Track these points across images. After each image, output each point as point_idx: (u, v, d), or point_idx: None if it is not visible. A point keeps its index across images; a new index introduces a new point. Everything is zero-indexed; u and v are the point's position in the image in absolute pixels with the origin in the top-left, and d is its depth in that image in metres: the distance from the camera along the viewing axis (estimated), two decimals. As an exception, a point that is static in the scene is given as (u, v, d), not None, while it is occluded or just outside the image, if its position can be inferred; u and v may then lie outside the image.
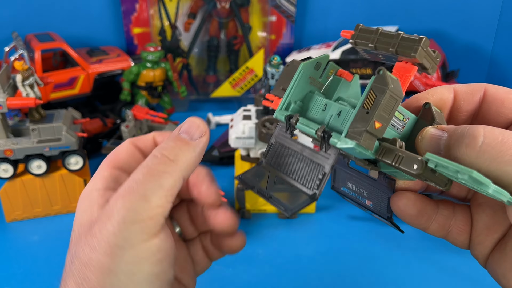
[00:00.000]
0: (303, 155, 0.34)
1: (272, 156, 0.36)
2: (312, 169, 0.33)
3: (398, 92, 0.29)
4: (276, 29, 1.27)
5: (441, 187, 0.29)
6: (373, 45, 0.31)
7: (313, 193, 0.32)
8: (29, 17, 1.17)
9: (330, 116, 0.32)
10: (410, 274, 0.75)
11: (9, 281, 0.72)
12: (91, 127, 1.00)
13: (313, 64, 0.34)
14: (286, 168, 0.35)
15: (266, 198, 0.34)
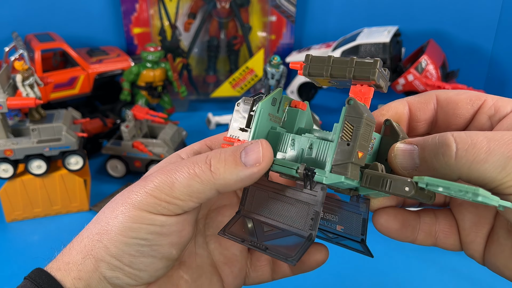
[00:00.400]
0: (285, 196, 0.33)
1: (251, 201, 0.35)
2: (300, 209, 0.32)
3: (371, 118, 0.30)
4: (276, 29, 1.27)
5: (427, 202, 0.29)
6: (328, 74, 0.31)
7: (309, 234, 0.31)
8: (29, 17, 1.17)
9: (301, 150, 0.32)
10: (410, 274, 0.75)
11: (9, 281, 0.72)
12: (91, 127, 1.00)
13: (270, 101, 0.34)
14: (270, 212, 0.34)
15: (263, 250, 0.32)
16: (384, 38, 1.05)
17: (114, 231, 0.32)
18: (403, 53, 1.16)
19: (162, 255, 0.32)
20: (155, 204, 0.31)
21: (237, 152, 0.31)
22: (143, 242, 0.32)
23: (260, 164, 0.31)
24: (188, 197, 0.31)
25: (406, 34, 1.19)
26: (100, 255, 0.32)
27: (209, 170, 0.31)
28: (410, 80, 1.04)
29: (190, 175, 0.31)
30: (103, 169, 0.99)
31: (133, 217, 0.31)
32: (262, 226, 0.34)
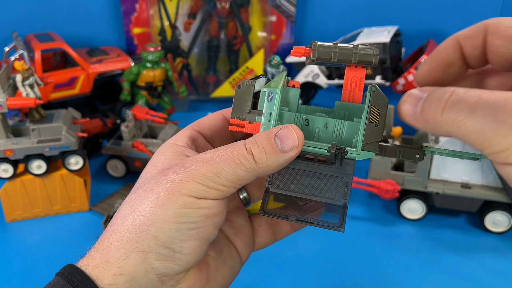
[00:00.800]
0: (313, 171, 0.36)
1: (278, 179, 0.37)
2: (330, 182, 0.36)
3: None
4: (276, 29, 1.27)
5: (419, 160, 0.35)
6: (335, 59, 0.35)
7: (344, 203, 0.35)
8: (29, 17, 1.17)
9: (317, 129, 0.36)
10: (410, 274, 0.75)
11: (9, 281, 0.72)
12: (91, 127, 1.00)
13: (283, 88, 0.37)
14: (300, 188, 0.36)
15: (310, 223, 0.35)
16: (384, 38, 1.05)
17: (163, 219, 0.32)
18: (403, 53, 1.16)
19: (208, 236, 0.34)
20: (203, 191, 0.33)
21: (271, 139, 0.34)
22: (193, 226, 0.33)
23: (297, 147, 0.34)
24: (233, 183, 0.34)
25: (406, 34, 1.19)
26: (147, 247, 0.32)
27: (253, 160, 0.33)
28: (410, 80, 1.04)
29: (237, 165, 0.33)
30: (103, 169, 0.99)
31: (183, 203, 0.33)
32: (295, 201, 0.36)
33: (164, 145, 0.38)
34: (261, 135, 0.34)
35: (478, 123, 0.26)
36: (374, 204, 0.91)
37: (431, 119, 0.29)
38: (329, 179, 0.36)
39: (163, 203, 0.32)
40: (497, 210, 0.82)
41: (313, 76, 1.16)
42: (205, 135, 0.40)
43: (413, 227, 0.85)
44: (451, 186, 0.84)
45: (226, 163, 0.33)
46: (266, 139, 0.34)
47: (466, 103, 0.26)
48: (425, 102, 0.29)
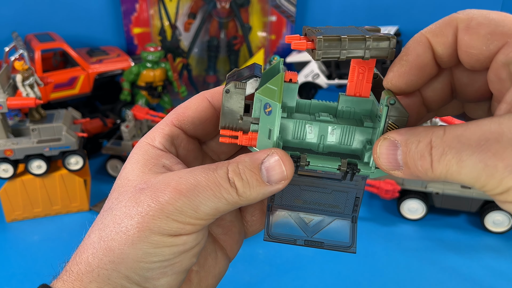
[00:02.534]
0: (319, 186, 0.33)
1: (280, 196, 0.34)
2: (338, 197, 0.33)
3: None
4: (276, 29, 1.27)
5: None
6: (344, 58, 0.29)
7: (353, 217, 0.33)
8: (29, 17, 1.17)
9: (321, 136, 0.32)
10: (410, 274, 0.75)
11: (9, 281, 0.72)
12: (91, 127, 1.00)
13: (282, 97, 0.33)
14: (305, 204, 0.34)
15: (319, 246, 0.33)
16: (384, 38, 1.05)
17: (132, 258, 0.30)
18: (403, 53, 1.16)
19: (184, 268, 0.32)
20: (177, 228, 0.30)
21: (257, 170, 0.30)
22: (166, 263, 0.31)
23: (285, 180, 0.30)
24: (212, 216, 0.31)
25: (406, 34, 1.19)
26: (120, 285, 0.30)
27: (236, 194, 0.30)
28: (410, 80, 1.04)
29: (217, 199, 0.30)
30: (103, 169, 0.99)
31: (155, 243, 0.30)
32: (302, 219, 0.34)
33: (139, 146, 0.34)
34: (246, 162, 0.31)
35: (471, 172, 0.25)
36: (374, 204, 0.91)
37: (423, 175, 0.27)
38: (337, 194, 0.33)
39: (133, 242, 0.30)
40: (497, 210, 0.82)
41: (313, 76, 1.16)
42: (187, 131, 0.35)
43: (413, 227, 0.85)
44: (451, 186, 0.84)
45: (206, 197, 0.30)
46: (252, 169, 0.30)
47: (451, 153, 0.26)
48: (407, 157, 0.28)
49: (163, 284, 0.31)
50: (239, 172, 0.30)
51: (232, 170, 0.31)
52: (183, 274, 0.32)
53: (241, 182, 0.30)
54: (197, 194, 0.30)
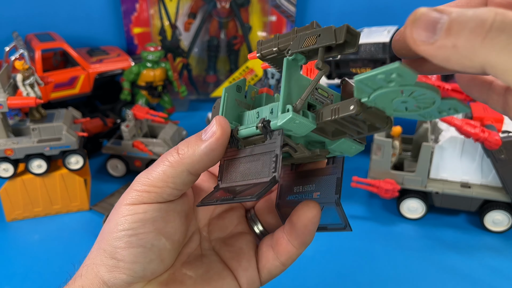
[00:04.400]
0: (252, 155, 0.34)
1: (226, 174, 0.36)
2: (265, 160, 0.33)
3: None
4: (276, 29, 1.27)
5: (383, 127, 0.30)
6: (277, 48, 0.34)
7: (272, 177, 0.31)
8: (30, 17, 1.17)
9: (269, 112, 0.34)
10: (410, 273, 0.75)
11: (9, 280, 0.72)
12: (91, 126, 1.00)
13: (234, 88, 0.37)
14: (241, 176, 0.35)
15: (230, 200, 0.33)
16: (384, 38, 1.06)
17: (107, 231, 0.34)
18: (403, 53, 1.16)
19: (151, 243, 0.34)
20: (137, 196, 0.34)
21: (199, 133, 0.34)
22: (130, 232, 0.33)
23: (215, 133, 0.33)
24: (164, 183, 0.34)
25: (406, 34, 1.19)
26: (99, 261, 0.34)
27: (177, 154, 0.34)
28: (410, 80, 1.04)
29: (163, 163, 0.34)
30: (103, 168, 0.99)
31: (120, 212, 0.34)
32: (235, 188, 0.35)
33: None
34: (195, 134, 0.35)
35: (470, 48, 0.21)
36: (374, 203, 0.91)
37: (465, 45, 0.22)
38: (264, 158, 0.33)
39: (110, 218, 0.35)
40: (496, 209, 0.82)
41: (313, 76, 1.16)
42: None
43: (412, 227, 0.86)
44: (450, 185, 0.84)
45: (157, 165, 0.34)
46: (196, 134, 0.35)
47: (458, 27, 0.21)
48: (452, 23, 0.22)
49: (128, 254, 0.33)
50: (186, 139, 0.35)
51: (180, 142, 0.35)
52: (152, 251, 0.34)
53: (182, 144, 0.34)
54: (153, 166, 0.35)
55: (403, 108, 0.27)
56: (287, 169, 0.40)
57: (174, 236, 0.35)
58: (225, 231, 0.40)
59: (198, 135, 0.34)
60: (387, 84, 0.25)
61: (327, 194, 0.36)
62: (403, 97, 0.26)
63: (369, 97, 0.27)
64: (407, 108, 0.27)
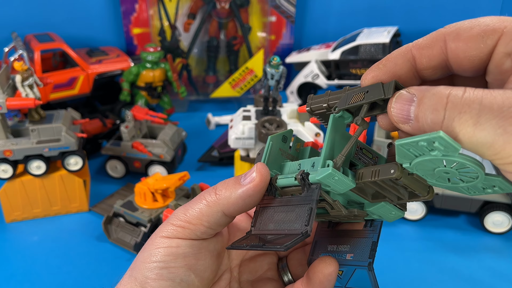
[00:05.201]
0: (287, 205, 0.35)
1: (260, 221, 0.36)
2: (299, 212, 0.33)
3: None
4: (276, 29, 1.27)
5: (424, 196, 0.29)
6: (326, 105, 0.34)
7: (305, 230, 0.32)
8: (29, 17, 1.17)
9: (310, 166, 0.34)
10: (410, 275, 0.75)
11: (9, 281, 0.72)
12: (90, 127, 1.00)
13: (280, 137, 0.37)
14: (275, 224, 0.35)
15: (260, 247, 0.33)
16: (384, 39, 1.05)
17: (140, 260, 0.35)
18: (403, 54, 1.16)
19: (180, 278, 0.35)
20: (173, 230, 0.35)
21: (239, 177, 0.35)
22: (161, 265, 0.34)
23: (254, 179, 0.34)
24: (199, 221, 0.35)
25: (406, 34, 1.19)
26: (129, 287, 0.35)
27: (215, 194, 0.35)
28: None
29: (201, 202, 0.35)
30: (103, 169, 0.99)
31: (154, 244, 0.35)
32: (266, 236, 0.35)
33: None
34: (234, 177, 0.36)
35: (486, 136, 0.24)
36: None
37: (429, 130, 0.26)
38: (298, 210, 0.33)
39: (145, 248, 0.36)
40: (496, 210, 0.82)
41: (312, 77, 1.15)
42: None
43: (413, 228, 0.85)
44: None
45: (195, 203, 0.36)
46: (235, 177, 0.36)
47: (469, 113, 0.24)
48: (419, 109, 0.26)
49: (158, 286, 0.34)
50: (225, 181, 0.36)
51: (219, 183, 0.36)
52: (178, 285, 0.35)
53: (221, 185, 0.36)
54: (191, 202, 0.36)
55: (445, 179, 0.27)
56: (324, 226, 0.40)
57: (203, 274, 0.36)
58: (254, 275, 0.41)
59: (237, 178, 0.35)
60: (429, 152, 0.25)
61: (361, 257, 0.37)
62: (445, 168, 0.25)
63: (411, 163, 0.27)
64: (450, 179, 0.26)
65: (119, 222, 0.80)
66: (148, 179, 0.79)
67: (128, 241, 0.78)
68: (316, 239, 0.40)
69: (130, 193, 0.86)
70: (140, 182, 0.78)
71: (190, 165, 1.02)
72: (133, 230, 0.78)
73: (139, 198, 0.79)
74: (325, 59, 1.14)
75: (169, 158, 0.93)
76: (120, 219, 0.80)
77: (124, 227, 0.79)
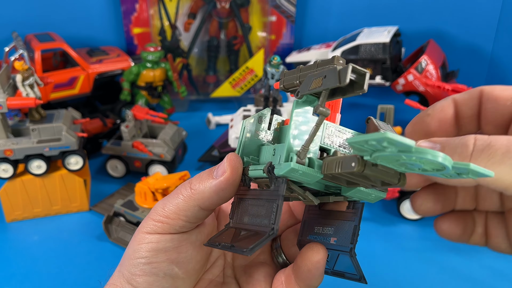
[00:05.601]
0: (259, 198, 0.34)
1: (237, 213, 0.36)
2: (268, 207, 0.32)
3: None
4: (276, 29, 1.27)
5: (395, 183, 0.28)
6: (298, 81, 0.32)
7: (271, 229, 0.31)
8: (29, 17, 1.17)
9: (278, 156, 0.32)
10: (410, 274, 0.75)
11: (9, 281, 0.72)
12: (91, 127, 1.00)
13: (256, 119, 0.36)
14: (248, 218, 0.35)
15: (228, 248, 0.33)
16: (384, 38, 1.05)
17: (127, 257, 0.36)
18: (403, 53, 1.16)
19: (163, 272, 0.35)
20: (153, 225, 0.36)
21: (212, 169, 0.35)
22: (144, 261, 0.35)
23: (225, 172, 0.34)
24: (177, 215, 0.35)
25: (406, 34, 1.19)
26: (119, 283, 0.36)
27: (189, 188, 0.35)
28: (410, 80, 1.04)
29: (177, 196, 0.36)
30: (103, 169, 0.99)
31: (137, 240, 0.36)
32: (240, 231, 0.35)
33: None
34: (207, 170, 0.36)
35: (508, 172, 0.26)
36: (374, 204, 0.91)
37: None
38: (267, 205, 0.33)
39: (130, 244, 0.37)
40: (497, 210, 0.82)
41: (313, 76, 1.15)
42: None
43: (413, 227, 0.85)
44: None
45: (172, 197, 0.36)
46: (209, 170, 0.36)
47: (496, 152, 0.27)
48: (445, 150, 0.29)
49: (142, 282, 0.35)
50: (199, 175, 0.36)
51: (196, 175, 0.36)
52: (165, 280, 0.36)
53: (195, 179, 0.36)
54: (168, 197, 0.36)
55: (414, 169, 0.26)
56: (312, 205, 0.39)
57: (187, 265, 0.36)
58: (247, 259, 0.41)
59: (210, 171, 0.35)
60: (383, 148, 0.24)
61: (343, 241, 0.36)
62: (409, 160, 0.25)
63: (371, 155, 0.26)
64: (419, 168, 0.26)
65: (119, 222, 0.80)
66: (148, 179, 0.79)
67: (129, 240, 0.78)
68: (304, 218, 0.40)
69: (131, 193, 0.86)
70: (141, 182, 0.79)
71: (191, 165, 1.02)
72: (133, 230, 0.78)
73: (140, 197, 0.79)
74: (326, 59, 1.14)
75: (169, 157, 0.93)
76: (120, 218, 0.80)
77: (124, 226, 0.79)
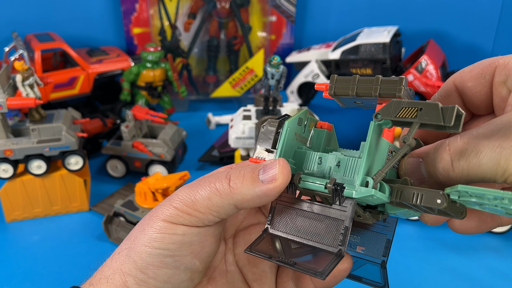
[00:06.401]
0: (313, 212, 0.33)
1: (278, 219, 0.34)
2: (329, 225, 0.31)
3: None
4: (276, 29, 1.27)
5: (459, 218, 0.28)
6: (354, 93, 0.31)
7: (339, 250, 0.30)
8: (29, 17, 1.17)
9: (329, 168, 0.32)
10: (410, 274, 0.75)
11: (9, 281, 0.72)
12: (91, 127, 1.00)
13: (296, 121, 0.34)
14: (297, 230, 0.33)
15: (291, 266, 0.31)
16: (384, 38, 1.05)
17: (141, 243, 0.33)
18: (403, 53, 1.16)
19: (185, 266, 0.33)
20: (177, 215, 0.33)
21: (256, 169, 0.32)
22: (166, 252, 0.33)
23: (275, 181, 0.31)
24: (208, 210, 0.33)
25: (406, 34, 1.19)
26: (127, 269, 0.33)
27: (228, 185, 0.32)
28: (410, 80, 1.04)
29: (211, 189, 0.32)
30: (103, 169, 0.99)
31: (158, 228, 0.33)
32: (290, 244, 0.33)
33: None
34: (251, 165, 0.33)
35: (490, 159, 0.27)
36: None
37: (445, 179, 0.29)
38: (328, 222, 0.31)
39: (144, 228, 0.34)
40: (497, 210, 0.82)
41: (313, 76, 1.16)
42: None
43: (413, 227, 0.85)
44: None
45: (203, 187, 0.33)
46: (252, 168, 0.32)
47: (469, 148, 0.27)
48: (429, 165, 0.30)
49: (162, 275, 0.33)
50: (238, 169, 0.33)
51: (233, 169, 0.33)
52: (185, 273, 0.34)
53: (235, 175, 0.32)
54: (197, 186, 0.33)
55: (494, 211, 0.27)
56: None
57: (208, 259, 0.35)
58: None
59: (255, 170, 0.32)
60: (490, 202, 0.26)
61: (373, 252, 0.35)
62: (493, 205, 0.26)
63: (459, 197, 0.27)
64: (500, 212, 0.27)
65: (119, 222, 0.80)
66: (148, 179, 0.79)
67: (129, 240, 0.78)
68: None
69: (131, 193, 0.86)
70: (141, 182, 0.79)
71: (191, 165, 1.02)
72: (133, 230, 0.78)
73: (140, 197, 0.79)
74: (325, 59, 1.15)
75: (169, 157, 0.93)
76: (120, 218, 0.80)
77: (124, 226, 0.79)
